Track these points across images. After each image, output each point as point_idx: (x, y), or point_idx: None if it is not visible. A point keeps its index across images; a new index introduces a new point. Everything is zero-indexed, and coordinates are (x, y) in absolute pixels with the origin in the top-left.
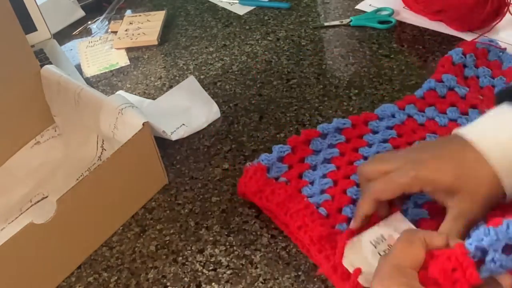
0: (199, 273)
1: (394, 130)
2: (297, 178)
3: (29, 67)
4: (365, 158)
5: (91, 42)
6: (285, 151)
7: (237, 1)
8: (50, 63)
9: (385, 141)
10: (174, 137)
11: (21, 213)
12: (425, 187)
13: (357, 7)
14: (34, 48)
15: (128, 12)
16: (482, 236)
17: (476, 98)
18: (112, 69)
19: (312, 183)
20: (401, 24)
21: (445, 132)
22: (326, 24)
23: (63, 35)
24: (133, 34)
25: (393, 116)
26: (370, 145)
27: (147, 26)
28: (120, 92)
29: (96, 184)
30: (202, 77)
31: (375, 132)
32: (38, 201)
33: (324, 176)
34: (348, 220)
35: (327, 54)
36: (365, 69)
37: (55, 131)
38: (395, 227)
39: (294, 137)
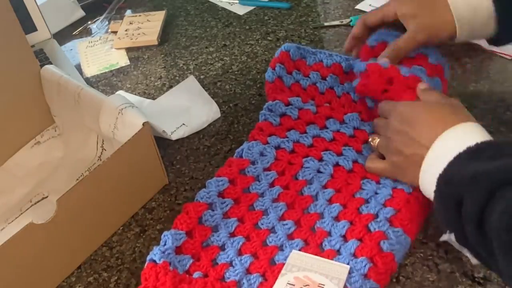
0: None
1: (273, 171)
2: (212, 267)
3: (29, 67)
4: (266, 211)
5: (91, 42)
6: (180, 239)
7: (237, 1)
8: (50, 63)
9: (272, 185)
10: (174, 137)
11: (21, 213)
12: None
13: (357, 7)
14: (34, 48)
15: (128, 12)
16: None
17: (324, 107)
18: (112, 69)
19: (231, 263)
20: None
21: (314, 153)
22: (326, 24)
23: (63, 35)
24: (133, 34)
25: (262, 154)
26: (262, 195)
27: (147, 26)
28: (120, 92)
29: (96, 184)
30: (202, 77)
31: (257, 179)
32: (38, 201)
33: (239, 252)
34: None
35: None
36: None
37: (55, 131)
38: (298, 267)
39: (182, 216)
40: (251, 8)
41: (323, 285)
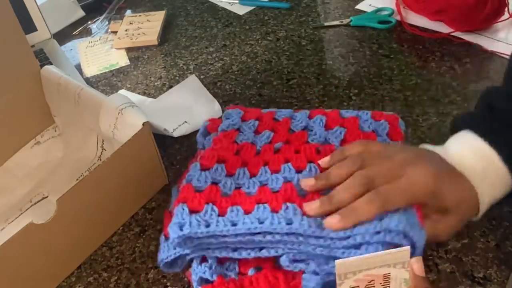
0: None
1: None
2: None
3: (29, 67)
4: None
5: (91, 42)
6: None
7: (237, 1)
8: (50, 63)
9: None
10: (176, 134)
11: (21, 213)
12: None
13: (357, 7)
14: (34, 48)
15: (128, 12)
16: None
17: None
18: (112, 69)
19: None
20: (401, 24)
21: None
22: (326, 24)
23: (63, 35)
24: (133, 34)
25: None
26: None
27: (147, 26)
28: (122, 91)
29: (96, 184)
30: (202, 77)
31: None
32: (38, 201)
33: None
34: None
35: (327, 54)
36: (365, 69)
37: (55, 131)
38: (353, 272)
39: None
40: (251, 8)
41: (389, 273)
